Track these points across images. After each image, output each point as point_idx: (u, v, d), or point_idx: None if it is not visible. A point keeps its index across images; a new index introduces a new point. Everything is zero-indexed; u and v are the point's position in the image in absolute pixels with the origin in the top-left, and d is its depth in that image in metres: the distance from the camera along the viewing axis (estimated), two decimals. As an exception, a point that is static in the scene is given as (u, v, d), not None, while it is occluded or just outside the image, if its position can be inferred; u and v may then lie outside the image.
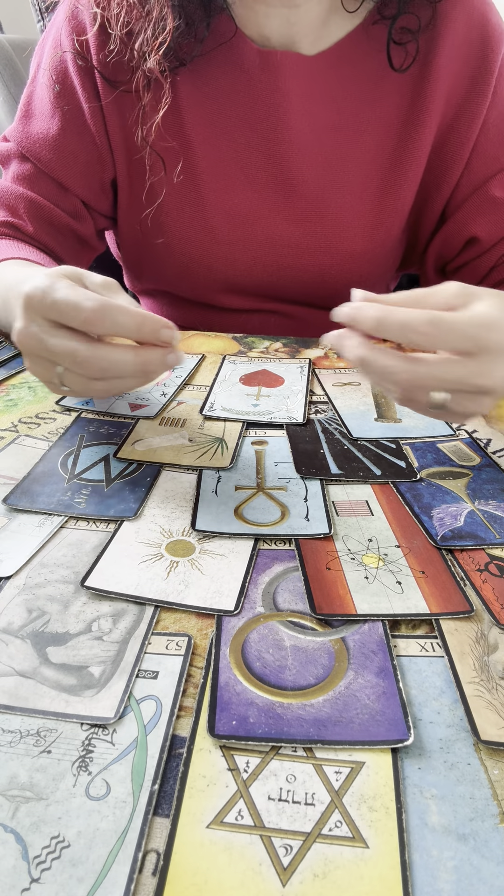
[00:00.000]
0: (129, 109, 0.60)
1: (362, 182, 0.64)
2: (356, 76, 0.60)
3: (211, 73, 0.59)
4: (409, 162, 0.63)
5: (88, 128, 0.60)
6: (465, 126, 0.61)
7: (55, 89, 0.60)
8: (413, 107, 0.61)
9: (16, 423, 0.48)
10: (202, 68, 0.59)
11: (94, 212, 0.67)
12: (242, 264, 0.67)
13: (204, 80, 0.60)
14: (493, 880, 0.21)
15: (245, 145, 0.62)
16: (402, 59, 0.58)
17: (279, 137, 0.61)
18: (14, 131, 0.62)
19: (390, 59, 0.58)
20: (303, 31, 0.58)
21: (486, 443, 0.47)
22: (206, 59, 0.59)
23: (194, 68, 0.59)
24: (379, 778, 0.24)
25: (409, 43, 0.57)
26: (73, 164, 0.61)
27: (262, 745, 0.25)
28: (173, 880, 0.21)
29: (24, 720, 0.26)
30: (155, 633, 0.30)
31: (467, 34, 0.58)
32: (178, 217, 0.65)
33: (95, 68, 0.58)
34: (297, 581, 0.34)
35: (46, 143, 0.60)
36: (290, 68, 0.59)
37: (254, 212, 0.65)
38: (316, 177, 0.63)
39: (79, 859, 0.21)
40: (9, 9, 1.76)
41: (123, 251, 0.74)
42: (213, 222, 0.65)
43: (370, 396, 0.54)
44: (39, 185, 0.62)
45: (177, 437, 0.47)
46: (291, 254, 0.67)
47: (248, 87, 0.60)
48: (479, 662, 0.29)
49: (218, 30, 0.57)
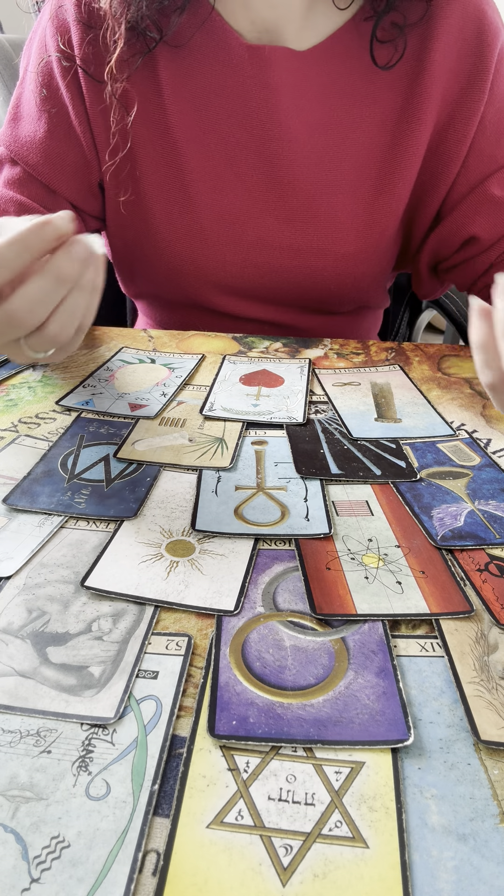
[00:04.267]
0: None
1: (356, 181, 0.63)
2: (348, 72, 0.60)
3: (197, 68, 0.59)
4: (404, 160, 0.62)
5: (74, 130, 0.60)
6: (462, 123, 0.60)
7: (42, 93, 0.60)
8: (408, 104, 0.60)
9: (16, 423, 0.48)
10: (188, 64, 0.59)
11: (84, 214, 0.66)
12: (233, 265, 0.67)
13: (190, 76, 0.59)
14: (493, 880, 0.21)
15: (235, 143, 0.61)
16: (389, 57, 0.58)
17: (270, 135, 0.61)
18: (3, 135, 0.62)
19: (373, 56, 0.57)
20: (285, 15, 0.57)
21: (486, 443, 0.47)
22: (192, 55, 0.58)
23: (179, 64, 0.58)
24: (379, 778, 0.24)
25: (398, 39, 0.57)
26: (61, 167, 0.61)
27: (262, 745, 0.25)
28: (173, 880, 0.21)
29: (24, 720, 0.26)
30: (155, 633, 0.30)
31: (462, 29, 0.58)
32: (167, 218, 0.64)
33: (78, 65, 0.58)
34: (297, 581, 0.34)
35: (34, 146, 0.60)
36: (279, 64, 0.58)
37: (244, 212, 0.64)
38: (308, 175, 0.63)
39: (79, 859, 0.21)
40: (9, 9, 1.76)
41: (113, 254, 0.73)
42: (203, 223, 0.64)
43: (370, 396, 0.54)
44: (29, 189, 0.62)
45: (177, 437, 0.47)
46: (283, 255, 0.66)
47: (237, 84, 0.59)
48: (479, 662, 0.29)
49: (198, 10, 0.57)
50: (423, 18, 0.57)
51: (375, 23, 0.56)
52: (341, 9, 0.58)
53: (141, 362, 0.59)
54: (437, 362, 0.61)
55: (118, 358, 0.60)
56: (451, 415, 0.51)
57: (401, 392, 0.54)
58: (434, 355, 0.63)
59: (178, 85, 0.59)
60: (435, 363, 0.61)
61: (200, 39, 0.58)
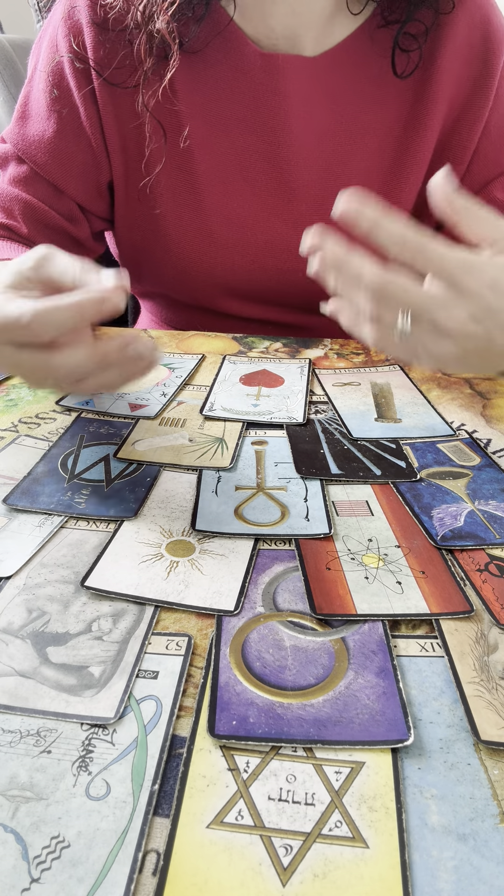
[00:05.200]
0: (125, 111, 0.59)
1: (363, 186, 0.64)
2: (357, 79, 0.60)
3: (211, 75, 0.59)
4: (410, 166, 0.63)
5: (84, 131, 0.60)
6: (467, 129, 0.61)
7: (52, 93, 0.60)
8: (415, 110, 0.60)
9: (16, 423, 0.48)
10: (202, 70, 0.59)
11: (90, 214, 0.66)
12: (242, 268, 0.67)
13: (203, 82, 0.60)
14: (493, 880, 0.21)
15: (245, 149, 0.62)
16: (405, 66, 0.58)
17: (280, 141, 0.61)
18: (10, 133, 0.62)
19: (394, 66, 0.58)
20: (307, 23, 0.57)
21: (486, 443, 0.47)
22: (206, 61, 0.59)
23: (193, 70, 0.59)
24: (379, 778, 0.24)
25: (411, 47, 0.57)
26: (69, 167, 0.61)
27: (262, 745, 0.25)
28: (173, 880, 0.21)
29: (24, 720, 0.26)
30: (155, 633, 0.30)
31: (469, 36, 0.58)
32: (177, 220, 0.65)
33: (93, 68, 0.58)
34: (297, 581, 0.34)
35: (42, 145, 0.60)
36: (290, 71, 0.59)
37: (253, 215, 0.65)
38: (316, 181, 0.63)
39: (79, 859, 0.21)
40: (9, 9, 1.76)
41: (122, 254, 0.74)
42: (213, 226, 0.65)
43: (370, 396, 0.54)
44: (35, 188, 0.62)
45: (177, 437, 0.47)
46: (291, 258, 0.66)
47: (249, 90, 0.60)
48: (479, 662, 0.29)
49: (216, 18, 0.57)
50: (432, 27, 0.57)
51: (398, 32, 0.56)
52: (354, 14, 0.58)
53: (141, 362, 0.59)
54: (437, 362, 0.61)
55: (118, 358, 0.60)
56: (451, 415, 0.51)
57: (401, 392, 0.54)
58: (434, 355, 0.63)
59: (190, 90, 0.60)
60: (435, 363, 0.61)
61: (214, 46, 0.59)
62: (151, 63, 0.56)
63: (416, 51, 0.57)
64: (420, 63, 0.58)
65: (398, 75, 0.58)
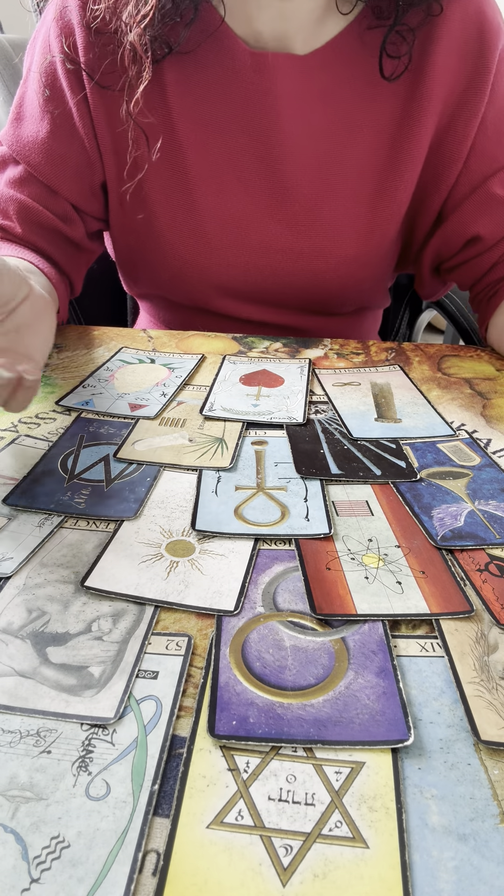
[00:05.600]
0: (117, 113, 0.59)
1: (357, 185, 0.63)
2: (349, 77, 0.60)
3: (202, 75, 0.59)
4: (405, 163, 0.62)
5: (77, 131, 0.60)
6: (463, 124, 0.60)
7: (45, 94, 0.60)
8: (409, 106, 0.60)
9: (16, 423, 0.48)
10: (193, 71, 0.59)
11: (85, 214, 0.66)
12: (236, 269, 0.67)
13: (195, 83, 0.59)
14: (493, 880, 0.21)
15: (237, 149, 0.62)
16: (394, 67, 0.58)
17: (272, 140, 0.61)
18: (5, 134, 0.62)
19: (382, 69, 0.57)
20: (295, 26, 0.57)
21: (486, 443, 0.47)
22: (197, 62, 0.59)
23: (184, 70, 0.59)
24: (379, 778, 0.24)
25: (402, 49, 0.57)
26: (63, 168, 0.61)
27: (262, 746, 0.25)
28: (173, 880, 0.21)
29: (24, 720, 0.26)
30: (155, 633, 0.30)
31: (463, 30, 0.57)
32: (171, 221, 0.65)
33: (83, 69, 0.58)
34: (297, 581, 0.34)
35: (36, 146, 0.60)
36: (282, 70, 0.58)
37: (247, 216, 0.64)
38: (310, 180, 0.63)
39: (79, 859, 0.21)
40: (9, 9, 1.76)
41: (117, 255, 0.74)
42: (206, 226, 0.65)
43: (370, 396, 0.54)
44: (29, 188, 0.62)
45: (177, 437, 0.47)
46: (285, 258, 0.66)
47: (240, 90, 0.59)
48: (480, 662, 0.29)
49: (206, 19, 0.57)
50: (424, 22, 0.57)
51: (385, 35, 0.56)
52: (344, 13, 0.58)
53: (141, 362, 0.59)
54: (438, 362, 0.61)
55: (118, 358, 0.60)
56: (451, 415, 0.51)
57: (401, 392, 0.54)
58: (434, 355, 0.63)
59: (182, 90, 0.59)
60: (435, 363, 0.61)
61: (206, 46, 0.58)
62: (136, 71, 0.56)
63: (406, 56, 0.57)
64: (410, 63, 0.57)
65: (386, 78, 0.58)
